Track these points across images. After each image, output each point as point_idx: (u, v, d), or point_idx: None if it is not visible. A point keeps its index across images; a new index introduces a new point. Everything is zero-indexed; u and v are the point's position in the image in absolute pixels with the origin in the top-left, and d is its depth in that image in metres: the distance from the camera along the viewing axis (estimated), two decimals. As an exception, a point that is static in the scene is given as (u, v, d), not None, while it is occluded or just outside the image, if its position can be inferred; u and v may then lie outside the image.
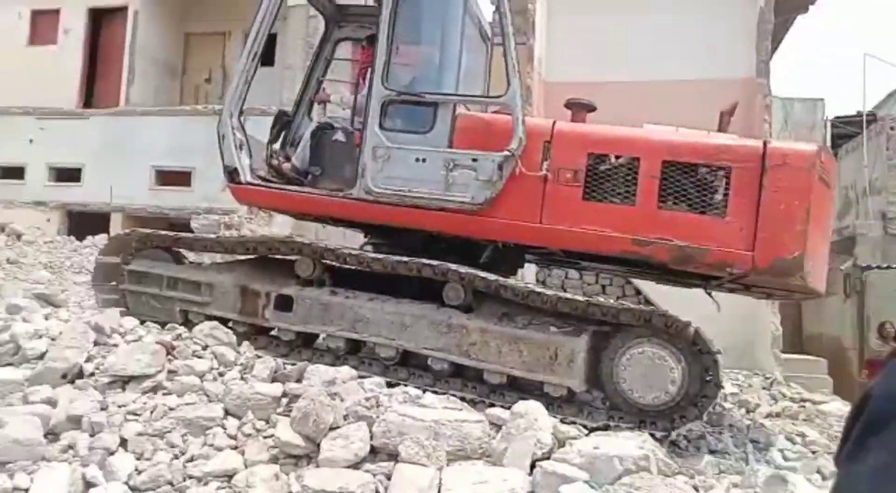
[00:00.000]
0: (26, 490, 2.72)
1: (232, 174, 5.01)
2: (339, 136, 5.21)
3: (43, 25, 14.91)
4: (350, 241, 6.54)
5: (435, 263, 4.26)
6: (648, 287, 10.02)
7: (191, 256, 5.78)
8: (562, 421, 3.69)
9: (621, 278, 11.17)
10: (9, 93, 14.80)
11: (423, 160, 4.59)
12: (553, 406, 3.92)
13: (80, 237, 12.03)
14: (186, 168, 13.53)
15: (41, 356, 3.68)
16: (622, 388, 3.98)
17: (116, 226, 13.52)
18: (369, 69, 4.92)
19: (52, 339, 3.84)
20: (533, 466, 2.93)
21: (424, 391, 3.89)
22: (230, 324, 4.54)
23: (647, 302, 9.31)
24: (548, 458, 3.03)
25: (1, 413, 3.05)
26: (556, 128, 4.54)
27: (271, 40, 14.15)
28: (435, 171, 4.56)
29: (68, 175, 14.33)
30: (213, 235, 5.62)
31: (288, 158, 5.27)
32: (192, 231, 12.30)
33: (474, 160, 4.53)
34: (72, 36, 14.63)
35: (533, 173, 4.41)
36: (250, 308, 4.61)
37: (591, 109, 4.91)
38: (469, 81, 5.16)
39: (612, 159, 4.46)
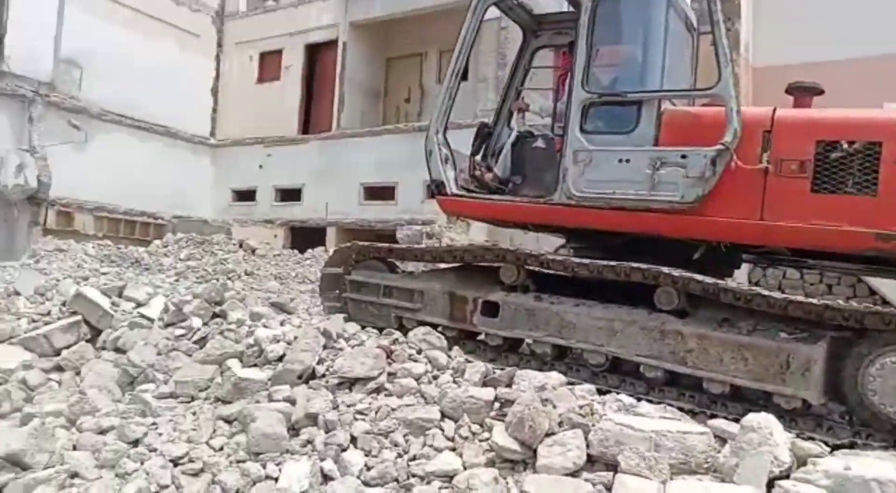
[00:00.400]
0: (275, 479, 3.03)
1: (439, 187, 5.24)
2: (540, 143, 5.25)
3: (269, 65, 16.88)
4: (543, 245, 6.54)
5: (645, 266, 4.09)
6: (887, 287, 8.82)
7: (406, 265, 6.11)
8: (798, 437, 3.33)
9: (851, 277, 9.96)
10: (243, 126, 16.95)
11: (627, 161, 4.48)
12: (785, 420, 3.56)
13: (302, 250, 13.29)
14: (390, 183, 14.45)
15: (280, 359, 4.09)
16: (870, 401, 3.51)
17: (331, 239, 14.83)
18: (568, 74, 4.90)
19: (288, 343, 4.25)
20: (770, 485, 2.67)
21: (639, 400, 3.74)
22: (440, 329, 4.72)
23: (885, 303, 8.20)
24: (787, 477, 2.74)
25: (252, 409, 3.44)
26: (777, 116, 4.16)
27: (463, 55, 14.71)
28: (640, 170, 4.42)
29: (290, 195, 16.00)
30: (422, 246, 5.92)
31: (490, 169, 5.40)
32: (396, 241, 13.11)
33: (683, 157, 4.32)
34: (292, 71, 16.37)
35: (751, 167, 4.09)
36: (459, 314, 4.77)
37: (818, 91, 4.45)
38: (675, 76, 4.95)
39: (846, 146, 3.98)
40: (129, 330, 4.76)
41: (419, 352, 4.15)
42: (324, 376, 3.90)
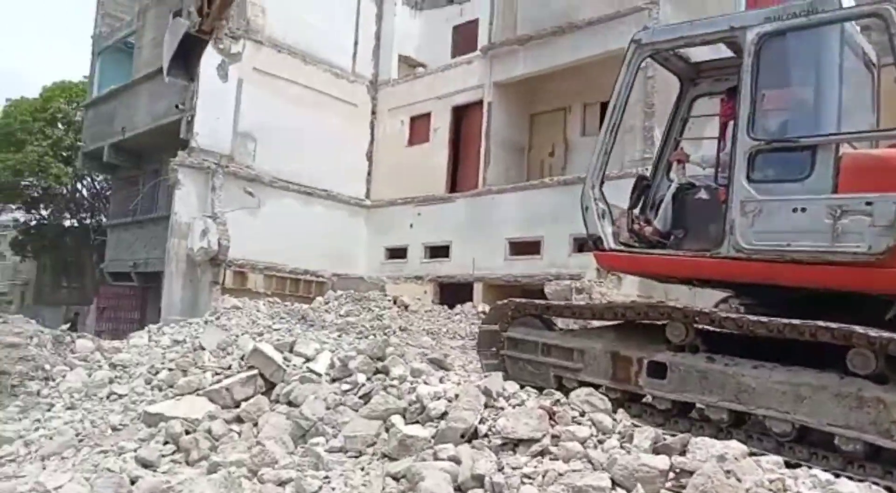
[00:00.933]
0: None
1: (596, 242, 5.19)
2: (702, 194, 5.07)
3: (418, 128, 17.73)
4: (699, 300, 6.17)
5: (835, 325, 3.72)
6: None
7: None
8: None
9: None
10: (394, 187, 17.81)
11: (803, 210, 4.20)
12: None
13: (451, 305, 13.51)
14: (535, 238, 14.43)
15: (441, 416, 4.13)
16: None
17: (478, 295, 14.98)
18: (731, 122, 4.72)
19: (449, 400, 4.28)
20: None
21: (837, 476, 3.34)
22: (603, 390, 4.55)
23: None
24: None
25: (419, 468, 3.48)
26: None
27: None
28: (818, 220, 4.12)
29: (439, 252, 16.44)
30: (581, 302, 5.80)
31: (650, 222, 5.25)
32: (544, 296, 12.99)
33: (868, 204, 3.97)
34: (440, 133, 17.07)
35: (952, 213, 3.64)
36: (622, 374, 4.58)
37: None
38: (853, 117, 4.57)
39: None
40: (300, 384, 5.04)
41: (582, 414, 4.01)
42: (486, 435, 3.88)
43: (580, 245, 13.26)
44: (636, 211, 5.45)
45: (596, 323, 5.27)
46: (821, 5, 4.34)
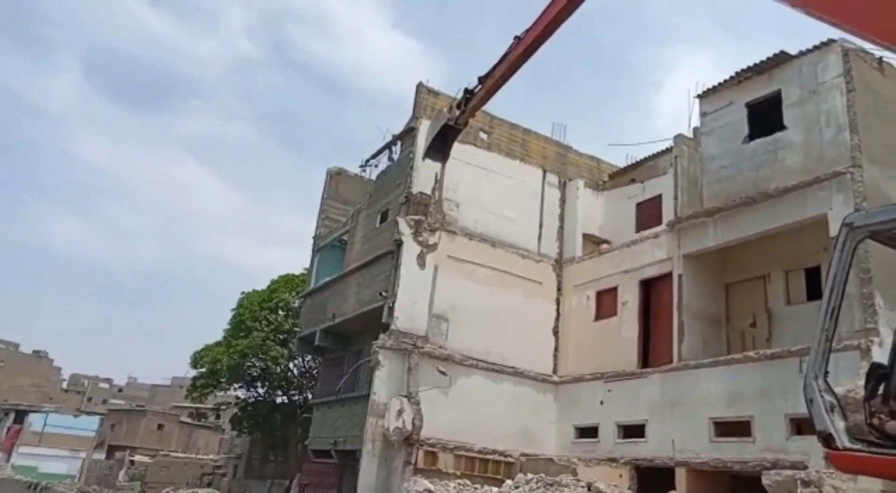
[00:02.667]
0: None
1: (827, 440, 4.60)
2: None
3: (605, 302, 17.67)
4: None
5: None
6: None
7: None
8: None
9: None
10: (582, 362, 17.51)
11: None
12: None
13: (651, 492, 12.39)
14: (744, 417, 13.16)
15: None
16: None
17: (681, 481, 13.61)
18: None
19: None
20: None
21: None
22: None
23: None
24: None
25: None
26: None
27: (816, 273, 13.60)
28: None
29: (633, 431, 15.45)
30: None
31: (893, 415, 4.59)
32: (762, 488, 11.45)
33: None
34: (628, 307, 16.84)
35: None
36: None
37: None
38: None
39: None
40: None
41: None
42: None
43: (798, 426, 11.85)
44: (876, 402, 4.74)
45: None
46: None
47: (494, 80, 11.62)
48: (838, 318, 4.90)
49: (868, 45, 9.20)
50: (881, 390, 4.85)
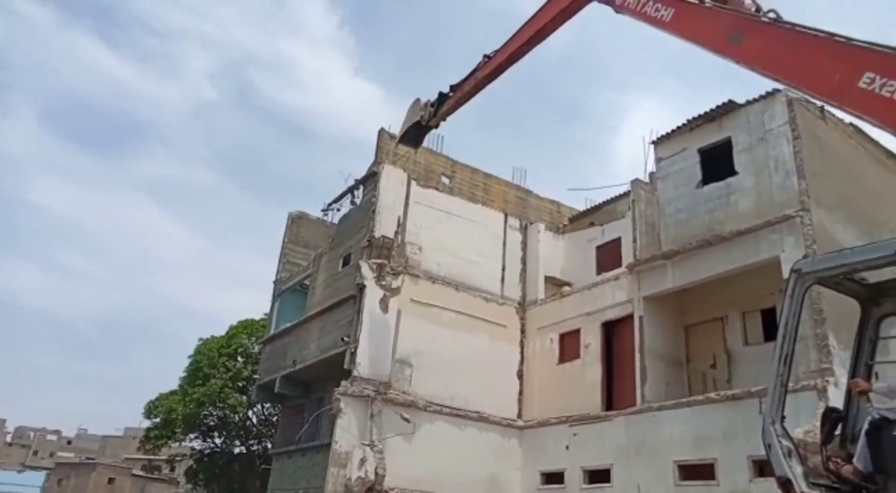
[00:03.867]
0: None
1: (786, 485, 4.64)
2: None
3: (568, 344, 17.70)
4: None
5: None
6: None
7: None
8: None
9: None
10: (547, 406, 17.41)
11: None
12: None
13: (621, 541, 12.23)
14: (708, 460, 13.19)
15: None
16: None
17: (652, 527, 13.50)
18: None
19: None
20: None
21: None
22: None
23: None
24: None
25: None
26: None
27: (771, 314, 13.89)
28: None
29: (599, 476, 15.33)
30: None
31: (850, 459, 4.67)
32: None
33: None
34: (591, 349, 16.90)
35: None
36: None
37: None
38: None
39: None
40: None
41: None
42: None
43: (761, 468, 11.90)
44: (832, 446, 4.88)
45: None
46: None
47: (463, 93, 12.57)
48: (792, 363, 5.00)
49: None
50: (837, 433, 4.94)
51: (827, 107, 13.01)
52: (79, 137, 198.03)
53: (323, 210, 21.32)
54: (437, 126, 13.78)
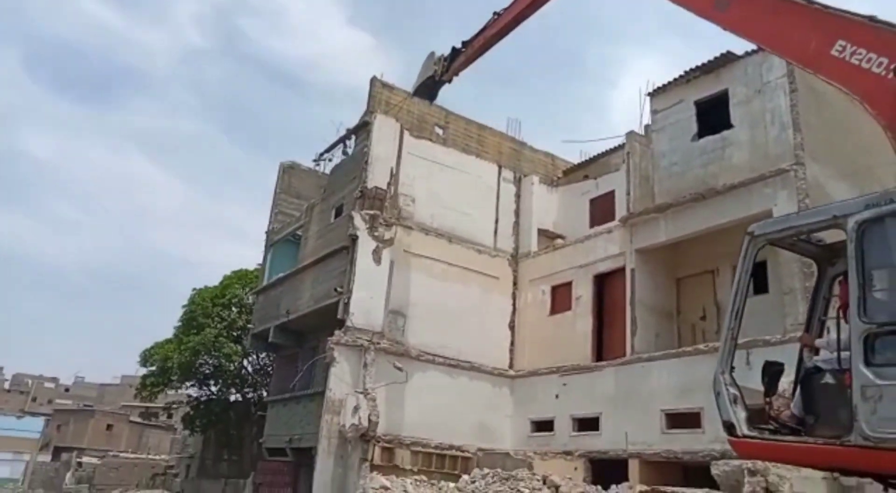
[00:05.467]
0: None
1: (730, 428, 5.16)
2: (828, 378, 5.01)
3: (560, 296, 17.86)
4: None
5: None
6: None
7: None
8: None
9: None
10: (537, 356, 17.67)
11: None
12: None
13: (605, 485, 12.60)
14: (694, 409, 13.45)
15: None
16: None
17: (634, 472, 13.87)
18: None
19: None
20: None
21: None
22: None
23: None
24: None
25: None
26: None
27: (761, 267, 13.98)
28: None
29: (588, 424, 15.68)
30: None
31: (789, 406, 5.18)
32: (710, 477, 11.76)
33: None
34: (582, 301, 17.06)
35: None
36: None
37: None
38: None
39: None
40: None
41: None
42: None
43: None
44: (775, 396, 5.34)
45: None
46: None
47: (473, 50, 12.95)
48: (742, 319, 5.47)
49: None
50: (781, 385, 5.46)
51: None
52: (64, 84, 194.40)
53: (315, 160, 21.08)
54: (450, 81, 14.03)
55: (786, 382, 5.55)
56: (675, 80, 15.71)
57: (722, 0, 6.57)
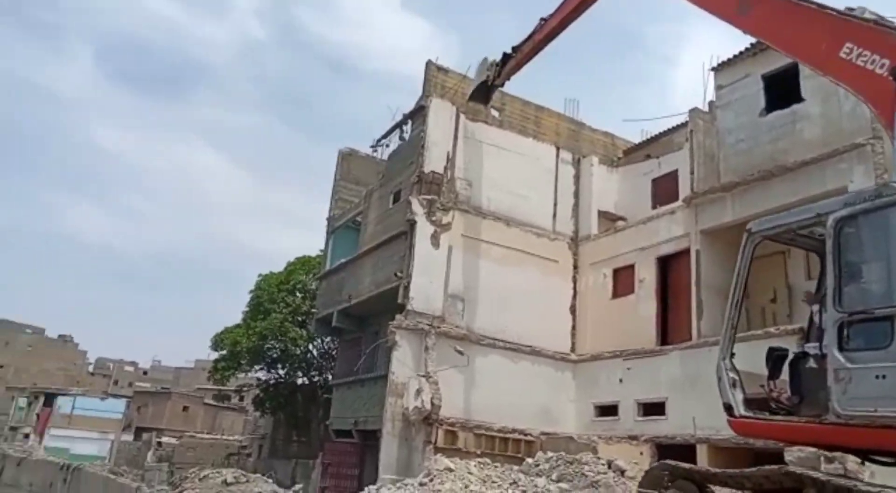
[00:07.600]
0: None
1: (729, 410, 5.85)
2: (811, 362, 5.50)
3: (622, 279, 17.55)
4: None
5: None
6: None
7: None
8: None
9: None
10: (600, 340, 17.45)
11: (884, 377, 4.54)
12: None
13: (673, 471, 12.34)
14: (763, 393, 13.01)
15: None
16: None
17: (703, 458, 13.58)
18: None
19: None
20: None
21: None
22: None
23: None
24: None
25: None
26: None
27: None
28: None
29: (654, 409, 15.42)
30: (737, 470, 6.22)
31: (792, 390, 5.68)
32: (785, 463, 11.37)
33: None
34: (645, 284, 16.72)
35: None
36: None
37: None
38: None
39: None
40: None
41: None
42: None
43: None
44: (778, 379, 5.87)
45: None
46: (885, 190, 5.03)
47: (523, 54, 13.26)
48: (741, 309, 6.11)
49: (887, 14, 9.17)
50: (784, 369, 5.94)
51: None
52: (132, 78, 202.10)
53: (372, 146, 21.28)
54: (502, 85, 14.65)
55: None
56: (741, 53, 15.06)
57: (744, 4, 6.85)
